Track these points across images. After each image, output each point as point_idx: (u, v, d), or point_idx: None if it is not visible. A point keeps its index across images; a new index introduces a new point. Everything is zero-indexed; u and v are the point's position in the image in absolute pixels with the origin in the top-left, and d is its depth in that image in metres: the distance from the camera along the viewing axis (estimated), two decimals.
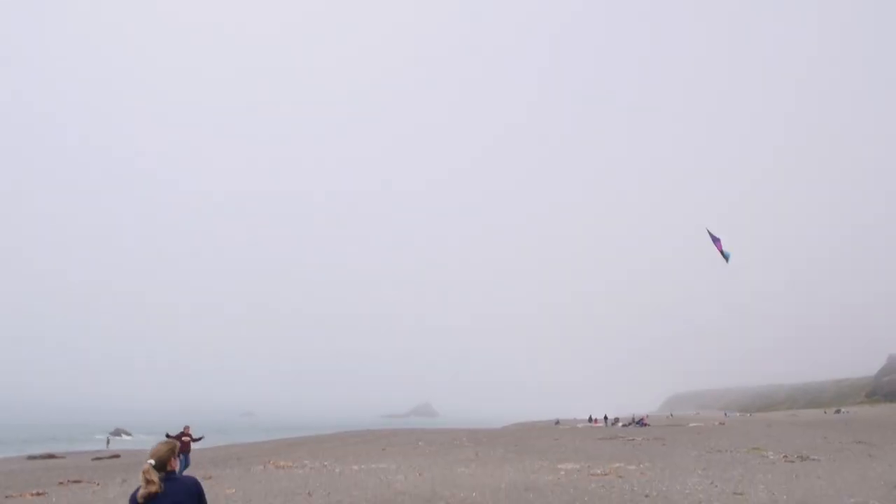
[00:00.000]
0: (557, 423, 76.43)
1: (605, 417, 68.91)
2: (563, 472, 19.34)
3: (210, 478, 19.92)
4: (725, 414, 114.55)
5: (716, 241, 11.90)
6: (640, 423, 58.93)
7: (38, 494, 16.94)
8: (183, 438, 20.91)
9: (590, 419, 72.27)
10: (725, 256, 11.86)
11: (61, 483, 20.01)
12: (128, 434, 76.85)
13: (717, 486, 15.21)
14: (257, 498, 14.78)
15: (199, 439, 22.37)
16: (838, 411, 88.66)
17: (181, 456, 16.98)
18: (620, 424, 60.08)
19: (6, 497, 16.47)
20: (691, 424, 56.79)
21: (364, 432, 53.82)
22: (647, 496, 13.66)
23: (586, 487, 15.34)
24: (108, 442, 55.86)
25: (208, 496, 14.95)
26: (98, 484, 19.70)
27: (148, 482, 4.43)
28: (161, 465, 4.56)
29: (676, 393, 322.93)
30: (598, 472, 19.14)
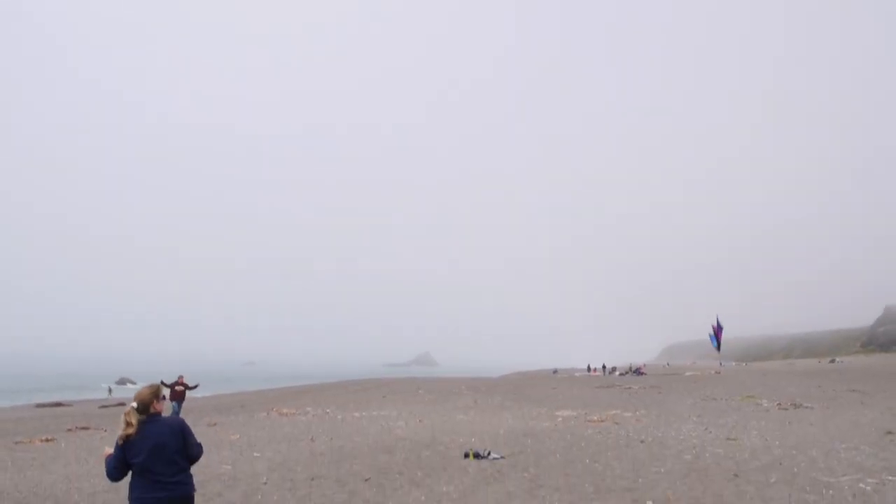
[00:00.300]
0: (555, 372, 77.49)
1: (604, 366, 69.81)
2: (560, 419, 19.73)
3: (215, 424, 20.33)
4: (721, 363, 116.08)
5: (719, 329, 11.47)
6: (637, 372, 59.80)
7: (48, 440, 17.31)
8: (177, 387, 21.14)
9: (588, 368, 73.26)
10: (717, 345, 11.57)
11: (70, 430, 20.43)
12: (132, 382, 78.03)
13: (711, 432, 15.53)
14: (261, 443, 15.11)
15: (195, 387, 22.49)
16: (833, 361, 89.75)
17: (173, 403, 17.27)
18: (618, 373, 60.90)
19: (16, 443, 16.83)
20: (687, 373, 57.62)
21: (365, 381, 54.68)
22: (642, 441, 13.96)
23: (583, 433, 15.66)
24: (109, 391, 56.74)
25: (212, 443, 15.26)
26: (105, 430, 20.12)
27: (127, 424, 4.53)
28: (143, 408, 4.65)
29: (673, 343, 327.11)
30: (595, 418, 19.52)
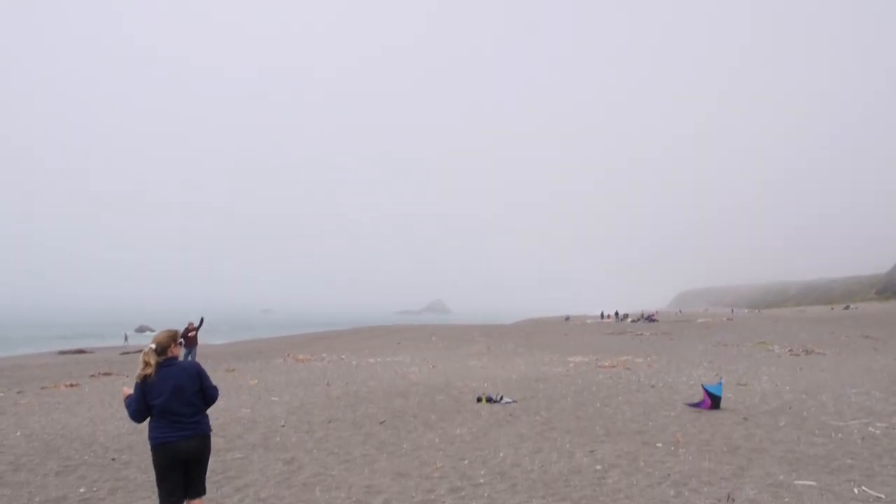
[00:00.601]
0: (567, 319, 77.91)
1: (616, 313, 70.08)
2: (572, 365, 19.96)
3: (233, 370, 20.79)
4: (732, 310, 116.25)
5: (704, 400, 10.85)
6: (649, 318, 59.98)
7: (72, 386, 17.81)
8: (189, 334, 21.44)
9: (602, 315, 73.57)
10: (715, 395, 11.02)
11: (93, 375, 20.98)
12: (151, 330, 79.70)
13: (721, 377, 15.65)
14: (278, 388, 15.46)
15: (202, 323, 22.11)
16: (847, 307, 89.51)
17: (187, 350, 17.61)
18: (629, 320, 61.16)
19: (42, 388, 17.33)
20: (699, 320, 57.80)
21: (379, 328, 55.44)
22: (653, 386, 14.12)
23: (594, 378, 15.86)
24: (126, 338, 58.06)
25: (231, 388, 15.63)
26: (126, 376, 20.63)
27: (145, 364, 4.69)
28: (161, 350, 4.82)
29: (686, 290, 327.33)
30: (607, 364, 19.73)
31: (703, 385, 11.48)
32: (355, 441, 9.06)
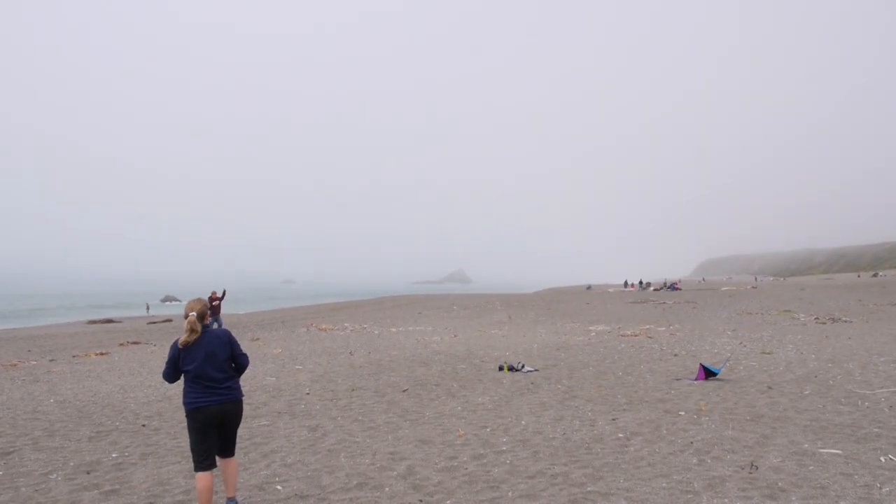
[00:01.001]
0: (589, 288, 77.64)
1: (640, 282, 69.68)
2: (593, 334, 19.95)
3: (258, 339, 21.13)
4: (756, 278, 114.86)
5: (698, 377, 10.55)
6: (672, 287, 59.49)
7: (102, 354, 18.26)
8: (213, 303, 21.89)
9: (626, 284, 73.14)
10: (712, 371, 10.74)
11: (122, 344, 21.47)
12: (177, 300, 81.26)
13: (745, 345, 15.53)
14: (302, 357, 15.68)
15: (223, 296, 22.61)
16: (875, 275, 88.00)
17: (213, 318, 18.10)
18: (652, 289, 60.73)
19: (73, 356, 17.79)
20: (723, 288, 57.24)
21: (401, 298, 55.80)
22: (675, 355, 14.06)
23: (616, 347, 15.84)
24: (147, 308, 59.45)
25: (256, 357, 15.89)
26: (155, 345, 21.10)
27: (192, 331, 4.91)
28: (201, 318, 5.00)
29: (709, 258, 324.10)
30: (629, 333, 19.67)
31: (701, 364, 11.35)
32: (379, 409, 9.17)
